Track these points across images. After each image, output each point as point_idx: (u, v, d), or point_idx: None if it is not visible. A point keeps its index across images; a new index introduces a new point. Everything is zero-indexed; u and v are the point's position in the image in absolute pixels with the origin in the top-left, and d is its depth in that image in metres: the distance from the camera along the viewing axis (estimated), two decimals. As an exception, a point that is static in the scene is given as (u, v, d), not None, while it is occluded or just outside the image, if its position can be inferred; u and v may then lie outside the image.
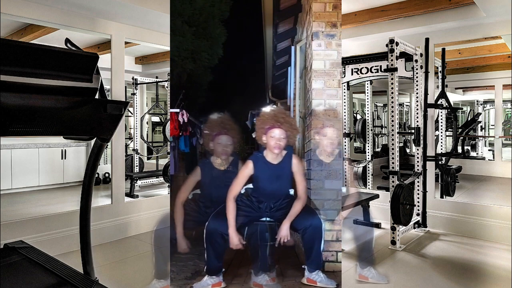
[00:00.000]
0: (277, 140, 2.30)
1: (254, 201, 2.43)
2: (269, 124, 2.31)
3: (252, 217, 2.41)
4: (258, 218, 2.43)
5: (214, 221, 2.33)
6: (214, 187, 2.51)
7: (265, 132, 2.33)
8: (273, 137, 2.31)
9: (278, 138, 2.31)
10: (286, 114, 2.37)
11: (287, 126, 2.32)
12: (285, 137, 2.32)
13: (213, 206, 2.43)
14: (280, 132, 2.31)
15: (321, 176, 2.43)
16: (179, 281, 2.35)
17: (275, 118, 2.31)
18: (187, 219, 2.47)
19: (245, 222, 2.39)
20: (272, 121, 2.31)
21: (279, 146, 2.31)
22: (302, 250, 2.38)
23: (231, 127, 2.48)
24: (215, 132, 2.45)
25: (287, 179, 2.40)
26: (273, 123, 2.30)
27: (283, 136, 2.31)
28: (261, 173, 2.39)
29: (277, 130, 2.31)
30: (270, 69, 3.31)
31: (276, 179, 2.40)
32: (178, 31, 2.91)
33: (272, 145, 2.32)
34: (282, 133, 2.31)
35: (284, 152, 2.38)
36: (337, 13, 2.45)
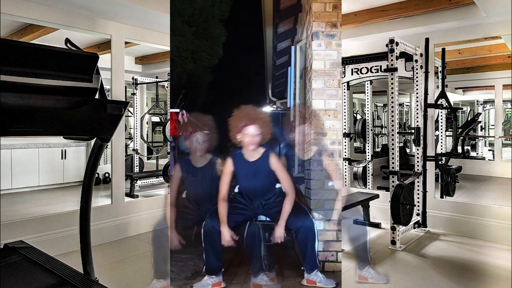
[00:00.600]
0: (251, 137, 2.36)
1: (247, 199, 2.45)
2: (243, 122, 2.36)
3: (247, 216, 2.43)
4: (253, 217, 2.44)
5: (211, 220, 2.34)
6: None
7: (240, 131, 2.38)
8: (247, 134, 2.36)
9: (252, 134, 2.36)
10: (258, 111, 2.43)
11: (261, 122, 2.37)
12: (260, 133, 2.37)
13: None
14: (254, 129, 2.36)
15: (321, 176, 2.43)
16: (179, 281, 2.35)
17: (248, 116, 2.37)
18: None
19: (241, 221, 2.41)
20: (245, 119, 2.36)
21: (254, 142, 2.37)
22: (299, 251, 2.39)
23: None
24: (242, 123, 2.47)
25: (266, 177, 2.43)
26: (246, 121, 2.36)
27: (257, 133, 2.37)
28: (239, 171, 2.44)
29: (251, 127, 2.36)
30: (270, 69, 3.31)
31: (254, 177, 2.43)
32: (178, 31, 2.90)
33: (247, 142, 2.37)
34: (256, 130, 2.36)
35: (261, 150, 2.42)
36: (337, 13, 2.45)
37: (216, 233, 2.31)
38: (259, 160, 2.42)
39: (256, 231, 2.39)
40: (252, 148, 2.39)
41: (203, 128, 2.54)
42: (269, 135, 2.44)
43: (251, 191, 2.47)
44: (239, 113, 2.39)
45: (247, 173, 2.44)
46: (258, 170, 2.43)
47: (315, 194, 2.44)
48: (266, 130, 2.41)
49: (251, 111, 2.38)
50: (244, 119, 2.36)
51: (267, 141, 2.44)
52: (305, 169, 2.63)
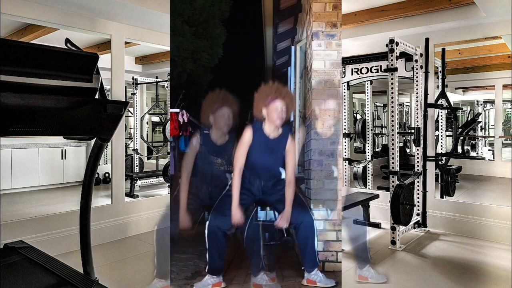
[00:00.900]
0: (279, 112, 2.33)
1: (246, 182, 2.42)
2: (271, 96, 2.33)
3: (246, 202, 2.41)
4: (252, 202, 2.43)
5: (215, 219, 2.34)
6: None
7: (266, 105, 2.34)
8: (276, 109, 2.33)
9: (281, 110, 2.33)
10: (286, 87, 2.43)
11: (288, 99, 2.35)
12: (285, 109, 2.35)
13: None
14: (282, 104, 2.33)
15: (321, 176, 2.43)
16: (179, 281, 2.35)
17: (277, 91, 2.34)
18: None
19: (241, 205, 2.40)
20: (274, 93, 2.34)
21: (281, 117, 2.34)
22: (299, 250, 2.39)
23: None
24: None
25: (280, 156, 2.41)
26: (275, 96, 2.33)
27: (285, 109, 2.34)
28: (257, 143, 2.39)
29: (279, 102, 2.33)
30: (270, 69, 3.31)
31: (270, 153, 2.40)
32: (178, 31, 2.90)
33: (275, 117, 2.33)
34: (284, 105, 2.34)
35: (281, 130, 2.40)
36: (337, 13, 2.45)
37: (220, 233, 2.31)
38: (278, 138, 2.39)
39: (256, 231, 2.39)
40: (279, 123, 2.34)
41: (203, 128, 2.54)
42: (290, 113, 2.43)
43: (260, 169, 2.42)
44: (266, 87, 2.37)
45: (264, 149, 2.39)
46: (274, 148, 2.39)
47: (315, 194, 2.44)
48: (291, 108, 2.39)
49: (280, 88, 2.35)
50: (273, 94, 2.33)
51: (288, 118, 2.42)
52: (305, 169, 2.63)
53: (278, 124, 2.35)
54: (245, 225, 2.41)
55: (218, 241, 2.31)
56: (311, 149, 2.46)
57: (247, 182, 2.43)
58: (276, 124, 2.35)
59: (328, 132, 2.44)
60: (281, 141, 2.40)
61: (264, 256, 2.39)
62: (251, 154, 2.41)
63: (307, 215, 2.35)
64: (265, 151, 2.40)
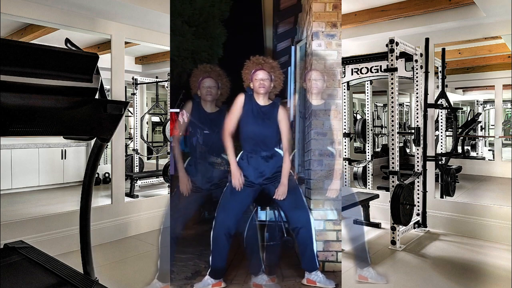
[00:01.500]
0: (260, 81, 2.42)
1: (244, 154, 2.46)
2: (253, 68, 2.44)
3: (246, 173, 2.43)
4: (249, 184, 2.43)
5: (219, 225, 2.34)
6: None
7: (251, 76, 2.45)
8: (257, 79, 2.43)
9: (261, 78, 2.42)
10: (266, 58, 2.50)
11: (268, 67, 2.44)
12: (268, 78, 2.43)
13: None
14: (263, 73, 2.43)
15: (321, 176, 2.43)
16: (179, 281, 2.35)
17: (257, 62, 2.45)
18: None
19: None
20: (254, 65, 2.45)
21: (263, 85, 2.42)
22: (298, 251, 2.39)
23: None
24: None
25: (272, 125, 2.45)
26: (255, 67, 2.45)
27: (266, 77, 2.43)
28: (248, 110, 2.46)
29: (260, 72, 2.44)
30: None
31: (261, 121, 2.45)
32: (178, 31, 2.90)
33: (257, 86, 2.43)
34: (265, 74, 2.43)
35: (272, 101, 2.48)
36: (337, 13, 2.45)
37: (224, 238, 2.32)
38: (268, 106, 2.46)
39: (256, 231, 2.39)
40: (262, 92, 2.43)
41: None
42: (280, 84, 2.49)
43: (251, 138, 2.47)
44: (249, 62, 2.47)
45: (255, 117, 2.46)
46: (265, 116, 2.45)
47: (315, 194, 2.44)
48: (277, 76, 2.46)
49: (259, 59, 2.46)
50: (254, 66, 2.45)
51: (279, 90, 2.49)
52: (305, 169, 2.63)
53: (262, 93, 2.43)
54: (245, 225, 2.41)
55: (222, 246, 2.32)
56: (311, 149, 2.46)
57: (245, 154, 2.46)
58: (260, 93, 2.43)
59: (328, 132, 2.44)
60: (272, 109, 2.46)
61: (264, 256, 2.40)
62: (242, 125, 2.47)
63: (307, 218, 2.36)
64: (257, 118, 2.46)
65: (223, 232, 2.31)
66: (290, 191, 2.40)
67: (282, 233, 2.63)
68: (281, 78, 2.49)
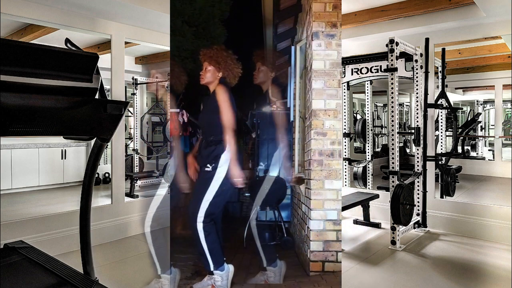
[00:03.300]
0: (202, 73, 2.47)
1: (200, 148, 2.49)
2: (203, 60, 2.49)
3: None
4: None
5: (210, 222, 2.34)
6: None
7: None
8: (202, 72, 2.47)
9: (203, 71, 2.47)
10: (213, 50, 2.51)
11: (211, 60, 2.46)
12: (210, 69, 2.45)
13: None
14: (206, 65, 2.47)
15: (321, 176, 2.43)
16: (179, 281, 2.35)
17: (205, 53, 2.49)
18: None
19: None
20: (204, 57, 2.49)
21: (202, 77, 2.46)
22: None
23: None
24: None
25: (213, 111, 2.44)
26: (203, 59, 2.49)
27: (209, 68, 2.46)
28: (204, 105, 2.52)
29: (204, 64, 2.48)
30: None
31: (209, 111, 2.47)
32: (178, 31, 2.90)
33: (200, 79, 2.48)
34: (208, 66, 2.46)
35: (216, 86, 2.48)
36: (337, 13, 2.45)
37: (214, 230, 2.33)
38: (211, 94, 2.47)
39: (256, 231, 2.40)
40: (202, 82, 2.45)
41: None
42: (225, 70, 2.47)
43: (202, 128, 2.50)
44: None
45: (205, 108, 2.51)
46: (210, 105, 2.46)
47: (315, 194, 2.44)
48: (223, 66, 2.45)
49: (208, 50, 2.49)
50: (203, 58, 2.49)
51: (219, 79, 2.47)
52: (305, 169, 2.63)
53: (201, 83, 2.45)
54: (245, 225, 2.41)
55: (215, 238, 2.31)
56: (311, 149, 2.46)
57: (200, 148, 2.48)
58: (202, 83, 2.46)
59: (328, 132, 2.44)
60: (213, 95, 2.45)
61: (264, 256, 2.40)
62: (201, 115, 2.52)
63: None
64: (206, 108, 2.50)
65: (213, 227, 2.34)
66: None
67: (282, 233, 2.63)
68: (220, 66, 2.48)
